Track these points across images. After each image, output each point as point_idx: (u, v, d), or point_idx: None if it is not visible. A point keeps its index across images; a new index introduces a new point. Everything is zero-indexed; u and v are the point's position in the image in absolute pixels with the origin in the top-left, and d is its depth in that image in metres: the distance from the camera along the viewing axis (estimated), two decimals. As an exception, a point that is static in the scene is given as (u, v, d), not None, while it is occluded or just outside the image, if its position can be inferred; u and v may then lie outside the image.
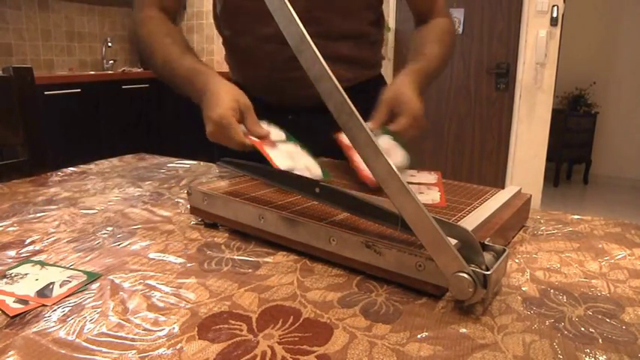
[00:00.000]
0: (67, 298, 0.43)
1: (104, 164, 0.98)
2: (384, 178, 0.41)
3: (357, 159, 0.67)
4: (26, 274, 0.48)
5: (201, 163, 1.00)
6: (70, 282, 0.46)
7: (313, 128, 0.84)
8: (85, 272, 0.48)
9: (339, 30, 0.90)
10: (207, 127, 0.68)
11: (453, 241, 0.42)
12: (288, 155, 0.67)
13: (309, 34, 0.42)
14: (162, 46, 0.81)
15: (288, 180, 0.58)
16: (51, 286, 0.45)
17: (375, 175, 0.41)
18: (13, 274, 0.48)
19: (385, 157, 0.40)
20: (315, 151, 0.85)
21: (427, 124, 0.72)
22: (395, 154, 0.68)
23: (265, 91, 0.98)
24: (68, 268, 0.49)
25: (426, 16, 0.94)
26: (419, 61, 0.84)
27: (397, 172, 0.40)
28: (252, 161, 0.64)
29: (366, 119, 0.99)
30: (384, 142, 0.69)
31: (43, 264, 0.50)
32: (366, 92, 0.98)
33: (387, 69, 3.26)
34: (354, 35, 0.93)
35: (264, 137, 0.68)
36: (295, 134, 0.96)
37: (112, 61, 3.70)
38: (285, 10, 0.42)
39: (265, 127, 0.71)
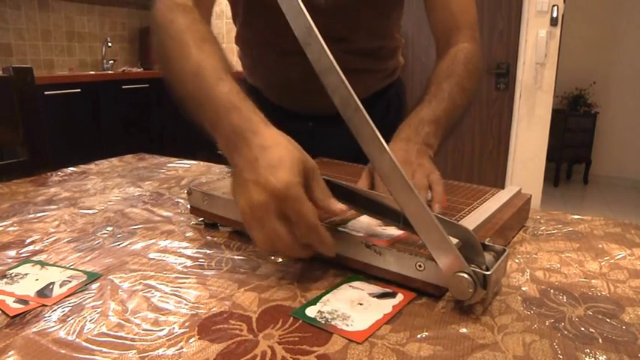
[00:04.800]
0: (67, 298, 0.43)
1: (104, 164, 0.98)
2: (387, 175, 0.41)
3: None
4: (26, 274, 0.48)
5: (201, 163, 1.00)
6: (70, 282, 0.46)
7: (333, 136, 0.83)
8: (85, 272, 0.48)
9: (364, 47, 0.88)
10: (252, 197, 0.43)
11: (454, 241, 0.42)
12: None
13: (335, 50, 0.40)
14: (199, 52, 0.56)
15: None
16: (51, 286, 0.45)
17: (379, 171, 0.41)
18: (13, 274, 0.48)
19: (389, 154, 0.40)
20: (334, 158, 0.85)
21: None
22: None
23: (283, 99, 0.96)
24: (68, 268, 0.49)
25: (448, 39, 0.79)
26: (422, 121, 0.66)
27: (401, 169, 0.40)
28: None
29: (385, 123, 1.00)
30: None
31: (43, 264, 0.50)
32: (386, 97, 0.99)
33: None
34: (378, 49, 0.92)
35: (339, 214, 0.48)
36: (315, 141, 0.95)
37: (112, 61, 3.70)
38: (294, 2, 0.42)
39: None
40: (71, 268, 0.49)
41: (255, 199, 0.43)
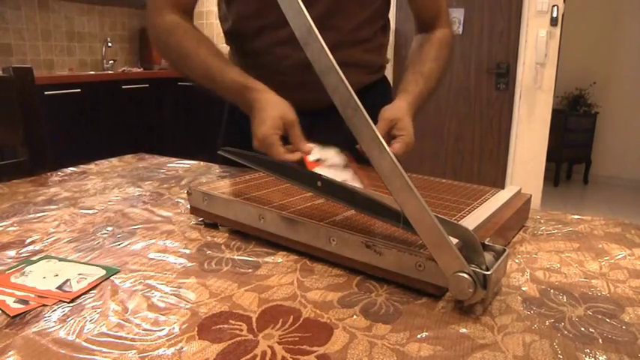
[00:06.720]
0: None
1: (104, 164, 0.98)
2: (387, 175, 0.41)
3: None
4: (44, 270, 0.48)
5: (201, 163, 1.00)
6: (90, 277, 0.47)
7: (325, 130, 0.83)
8: (103, 267, 0.49)
9: (350, 37, 0.90)
10: (254, 141, 0.69)
11: (454, 241, 0.42)
12: (333, 173, 0.65)
13: (324, 41, 0.42)
14: (200, 59, 0.80)
15: (290, 172, 0.58)
16: (69, 282, 0.46)
17: (379, 171, 0.41)
18: (29, 271, 0.48)
19: (390, 153, 0.40)
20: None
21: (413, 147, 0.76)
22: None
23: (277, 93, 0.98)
24: (87, 264, 0.50)
25: (430, 26, 0.95)
26: (418, 84, 0.85)
27: (401, 168, 0.40)
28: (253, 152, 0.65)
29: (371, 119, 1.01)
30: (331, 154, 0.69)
31: (60, 259, 0.51)
32: (371, 95, 0.99)
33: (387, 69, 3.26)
34: (363, 41, 0.94)
35: (306, 153, 0.66)
36: (308, 137, 0.96)
37: (112, 61, 3.70)
38: (293, 2, 0.42)
39: (313, 145, 0.69)
40: (90, 264, 0.50)
41: (254, 141, 0.68)
